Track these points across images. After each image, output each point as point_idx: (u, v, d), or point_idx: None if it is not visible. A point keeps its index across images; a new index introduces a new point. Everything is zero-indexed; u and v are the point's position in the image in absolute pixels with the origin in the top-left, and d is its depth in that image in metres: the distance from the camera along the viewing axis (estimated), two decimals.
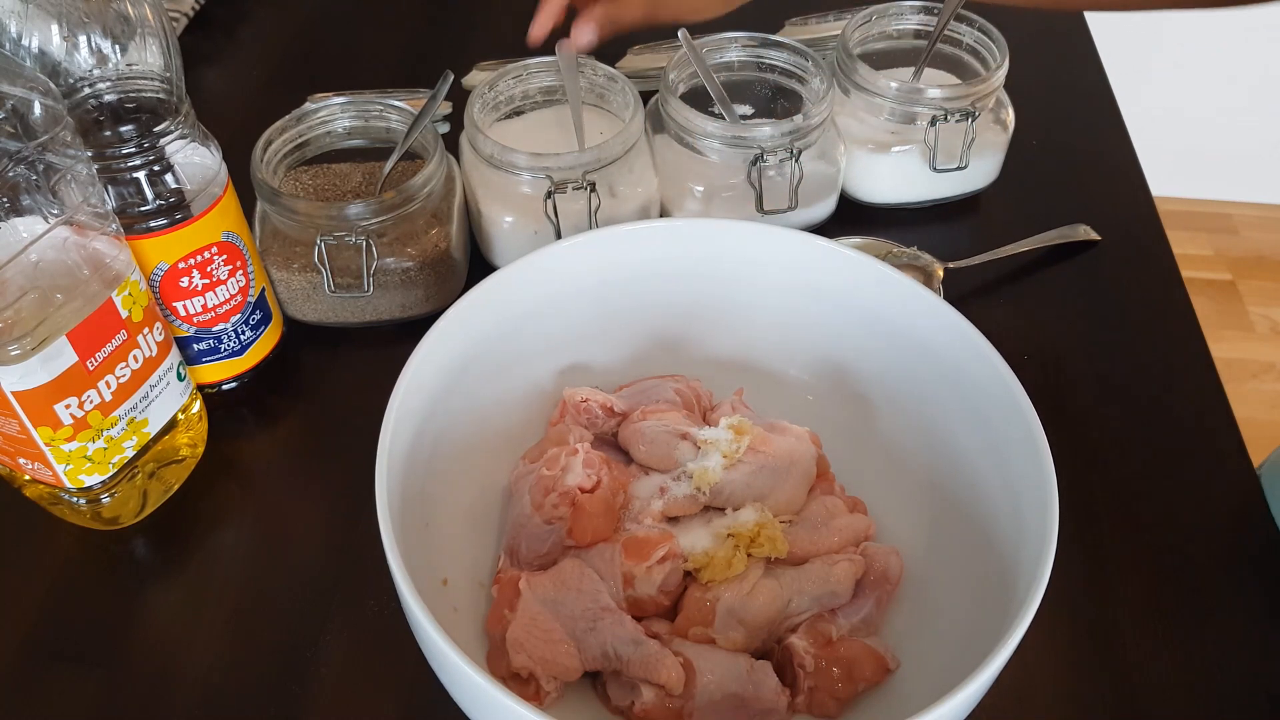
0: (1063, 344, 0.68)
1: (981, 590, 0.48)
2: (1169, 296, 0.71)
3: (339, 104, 0.68)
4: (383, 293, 0.66)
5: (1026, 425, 0.48)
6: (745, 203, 0.70)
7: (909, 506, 0.56)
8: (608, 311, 0.59)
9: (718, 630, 0.49)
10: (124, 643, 0.54)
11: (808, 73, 0.73)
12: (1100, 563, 0.57)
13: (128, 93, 0.52)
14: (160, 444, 0.57)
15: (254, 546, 0.58)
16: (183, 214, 0.55)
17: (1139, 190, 0.79)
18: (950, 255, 0.72)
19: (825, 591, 0.50)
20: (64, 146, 0.47)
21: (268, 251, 0.65)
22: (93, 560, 0.57)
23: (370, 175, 0.70)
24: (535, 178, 0.66)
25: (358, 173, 0.70)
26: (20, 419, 0.50)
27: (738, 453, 0.54)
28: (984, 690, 0.41)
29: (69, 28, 0.50)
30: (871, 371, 0.59)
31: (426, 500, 0.51)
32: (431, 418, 0.51)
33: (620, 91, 0.70)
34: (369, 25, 0.95)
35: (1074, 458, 0.60)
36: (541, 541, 0.52)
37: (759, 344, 0.61)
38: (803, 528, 0.53)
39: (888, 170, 0.74)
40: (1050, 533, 0.44)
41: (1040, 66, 0.88)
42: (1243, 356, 1.72)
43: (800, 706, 0.49)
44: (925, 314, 0.54)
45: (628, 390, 0.59)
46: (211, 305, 0.59)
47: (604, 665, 0.48)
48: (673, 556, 0.50)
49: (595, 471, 0.53)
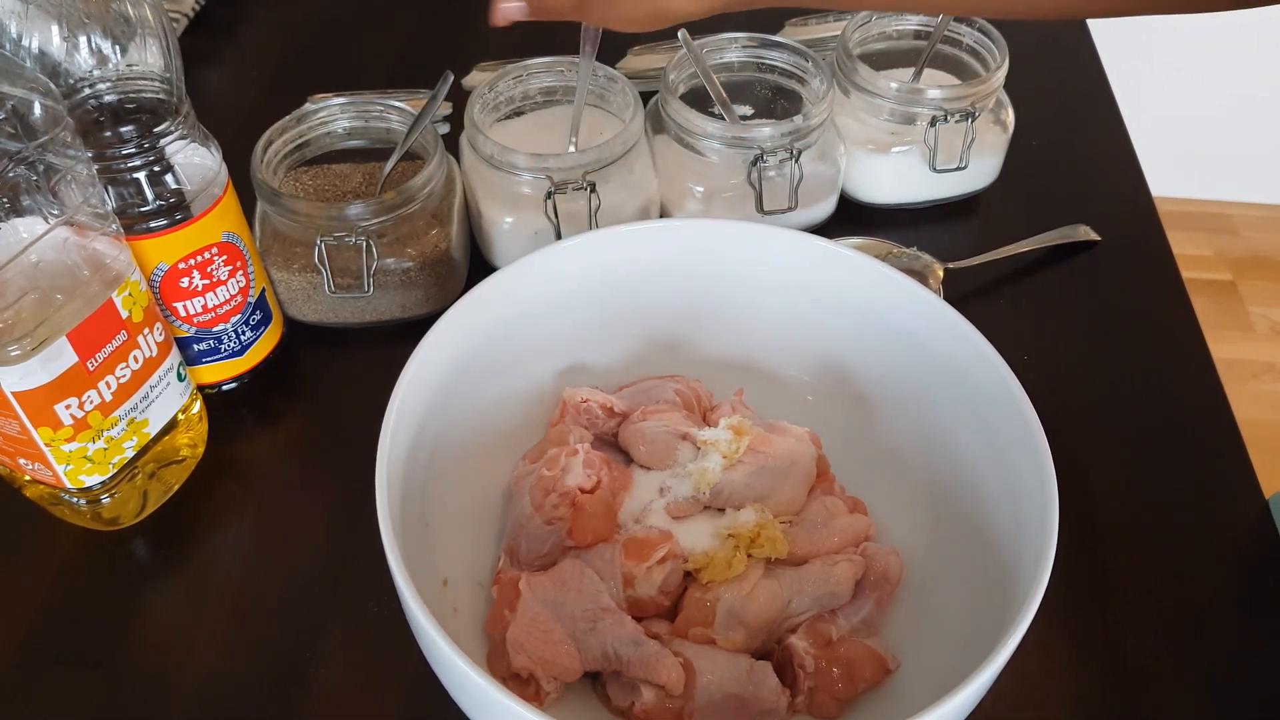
0: (1063, 344, 0.68)
1: (981, 591, 0.48)
2: (1169, 297, 0.71)
3: (339, 104, 0.68)
4: (383, 293, 0.66)
5: (1026, 426, 0.48)
6: (745, 203, 0.70)
7: (909, 507, 0.56)
8: (608, 312, 0.59)
9: (718, 631, 0.49)
10: (124, 643, 0.54)
11: (808, 73, 0.73)
12: (1100, 563, 0.57)
13: (128, 93, 0.52)
14: (160, 444, 0.57)
15: (254, 547, 0.58)
16: (183, 214, 0.55)
17: (1139, 190, 0.79)
18: (950, 256, 0.72)
19: (825, 592, 0.50)
20: (64, 147, 0.47)
21: (268, 252, 0.65)
22: (93, 560, 0.57)
23: (370, 176, 0.70)
24: (535, 178, 0.66)
25: (358, 173, 0.70)
26: (20, 419, 0.50)
27: (737, 453, 0.54)
28: (984, 691, 0.41)
29: (69, 28, 0.50)
30: (871, 372, 0.59)
31: (426, 500, 0.51)
32: (431, 418, 0.51)
33: (620, 92, 0.70)
34: (369, 26, 0.95)
35: (1074, 458, 0.60)
36: (541, 542, 0.52)
37: (759, 344, 0.61)
38: (803, 528, 0.53)
39: (888, 171, 0.74)
40: (1050, 533, 0.44)
41: (1040, 67, 0.88)
42: (1243, 357, 1.72)
43: (800, 707, 0.49)
44: (925, 314, 0.54)
45: (628, 391, 0.59)
46: (211, 306, 0.59)
47: (604, 666, 0.48)
48: (673, 557, 0.50)
49: (595, 472, 0.53)
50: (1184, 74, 1.75)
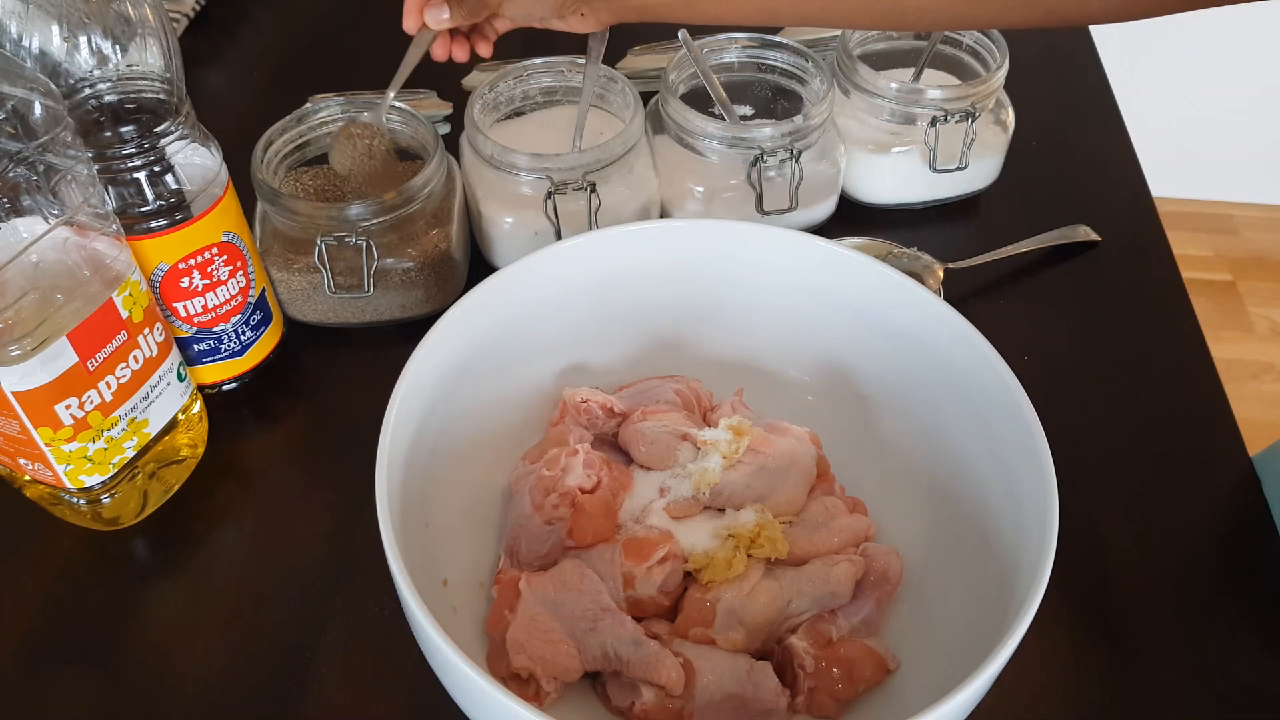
0: (1063, 345, 0.68)
1: (981, 591, 0.48)
2: (1169, 297, 0.71)
3: (339, 104, 0.68)
4: (383, 293, 0.66)
5: (1026, 426, 0.48)
6: (745, 203, 0.70)
7: (909, 507, 0.56)
8: (608, 312, 0.59)
9: (718, 631, 0.49)
10: (124, 643, 0.54)
11: (808, 73, 0.73)
12: (1100, 563, 0.57)
13: (128, 93, 0.52)
14: (160, 444, 0.57)
15: (254, 547, 0.58)
16: (183, 214, 0.55)
17: (1139, 191, 0.79)
18: (950, 256, 0.72)
19: (825, 592, 0.50)
20: (64, 147, 0.47)
21: (268, 252, 0.65)
22: (93, 560, 0.57)
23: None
24: (535, 178, 0.66)
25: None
26: (21, 419, 0.50)
27: (737, 453, 0.54)
28: (984, 691, 0.41)
29: (69, 28, 0.50)
30: (871, 372, 0.59)
31: (426, 500, 0.51)
32: (431, 418, 0.51)
33: (620, 92, 0.70)
34: (369, 25, 0.95)
35: (1074, 458, 0.60)
36: (542, 542, 0.52)
37: (759, 344, 0.61)
38: (803, 528, 0.53)
39: (888, 171, 0.74)
40: (1050, 533, 0.44)
41: (1040, 67, 0.88)
42: (1243, 357, 1.72)
43: (800, 707, 0.49)
44: (925, 315, 0.54)
45: (628, 391, 0.59)
46: (212, 306, 0.59)
47: (604, 666, 0.48)
48: (673, 557, 0.50)
49: (595, 472, 0.53)
50: (1184, 74, 1.75)
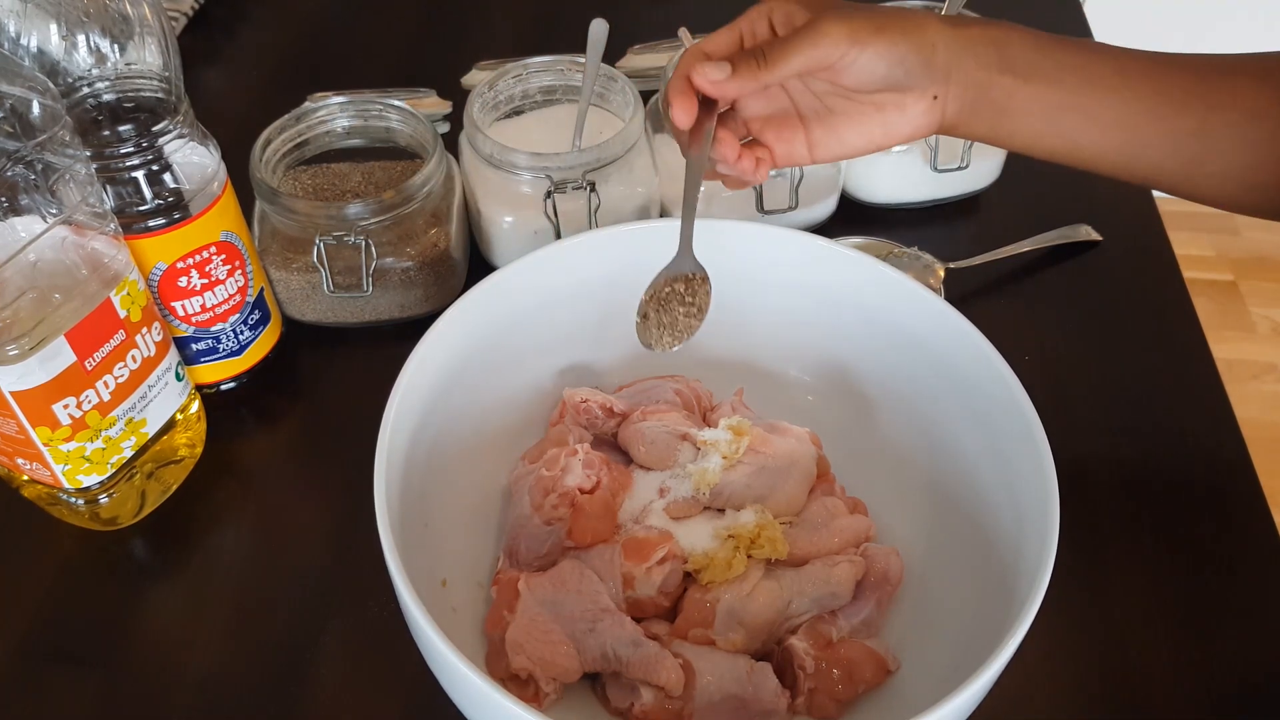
0: (1063, 344, 0.68)
1: (982, 591, 0.48)
2: (1170, 297, 0.71)
3: (338, 103, 0.68)
4: (382, 293, 0.66)
5: (1027, 425, 0.48)
6: (745, 203, 0.70)
7: (909, 507, 0.56)
8: (608, 311, 0.59)
9: (717, 632, 0.49)
10: (124, 643, 0.54)
11: None
12: (1100, 563, 0.57)
13: (126, 92, 0.52)
14: (159, 444, 0.57)
15: (253, 546, 0.58)
16: (181, 214, 0.55)
17: (1140, 190, 0.79)
18: (951, 255, 0.71)
19: (825, 593, 0.50)
20: (62, 146, 0.47)
21: (267, 251, 0.65)
22: (92, 560, 0.57)
23: (369, 175, 0.70)
24: (535, 177, 0.65)
25: (357, 172, 0.70)
26: (18, 419, 0.50)
27: (737, 454, 0.53)
28: (984, 691, 0.41)
29: (68, 27, 0.50)
30: (872, 372, 0.59)
31: (426, 500, 0.51)
32: (431, 418, 0.51)
33: (620, 91, 0.70)
34: (369, 25, 0.95)
35: (1074, 458, 0.59)
36: (541, 542, 0.52)
37: (759, 344, 0.61)
38: (803, 529, 0.53)
39: (888, 170, 0.74)
40: (1050, 533, 0.44)
41: None
42: (1244, 357, 1.72)
43: (800, 708, 0.49)
44: (926, 314, 0.54)
45: (628, 391, 0.59)
46: (210, 305, 0.59)
47: (603, 666, 0.48)
48: (672, 558, 0.50)
49: (595, 472, 0.52)
50: None
